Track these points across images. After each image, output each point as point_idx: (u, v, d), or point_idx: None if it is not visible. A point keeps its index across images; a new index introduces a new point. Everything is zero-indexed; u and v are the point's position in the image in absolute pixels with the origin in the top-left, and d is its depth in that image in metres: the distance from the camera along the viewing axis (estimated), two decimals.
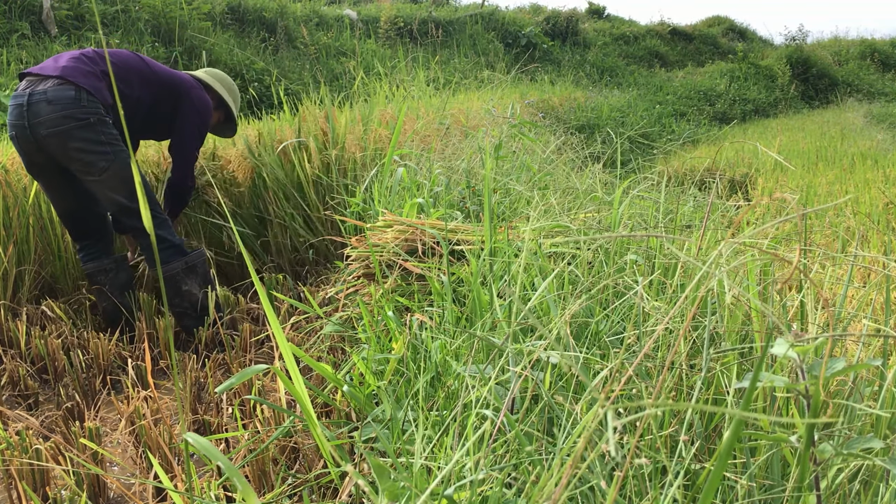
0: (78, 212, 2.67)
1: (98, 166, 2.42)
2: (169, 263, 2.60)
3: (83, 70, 2.47)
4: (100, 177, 2.44)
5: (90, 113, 2.40)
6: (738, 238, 1.01)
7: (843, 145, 6.93)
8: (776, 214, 3.19)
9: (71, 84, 2.40)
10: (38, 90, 2.39)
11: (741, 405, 0.63)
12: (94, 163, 2.42)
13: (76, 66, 2.47)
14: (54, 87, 2.39)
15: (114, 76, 2.56)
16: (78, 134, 2.38)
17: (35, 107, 2.37)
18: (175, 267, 2.60)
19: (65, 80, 2.40)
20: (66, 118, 2.37)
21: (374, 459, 0.87)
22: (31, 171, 2.55)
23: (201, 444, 0.75)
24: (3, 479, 1.64)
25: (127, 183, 2.49)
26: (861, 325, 1.53)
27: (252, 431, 1.75)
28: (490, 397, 1.17)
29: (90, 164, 2.42)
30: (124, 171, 2.48)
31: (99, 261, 2.74)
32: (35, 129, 2.38)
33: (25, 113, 2.38)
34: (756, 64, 15.01)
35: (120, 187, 2.49)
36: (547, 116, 8.04)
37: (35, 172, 2.56)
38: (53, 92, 2.37)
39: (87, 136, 2.40)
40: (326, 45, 10.11)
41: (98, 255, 2.75)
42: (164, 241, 2.61)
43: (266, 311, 1.22)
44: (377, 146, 3.43)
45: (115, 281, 2.77)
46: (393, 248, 2.12)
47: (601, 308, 1.44)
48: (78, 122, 2.38)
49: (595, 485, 0.96)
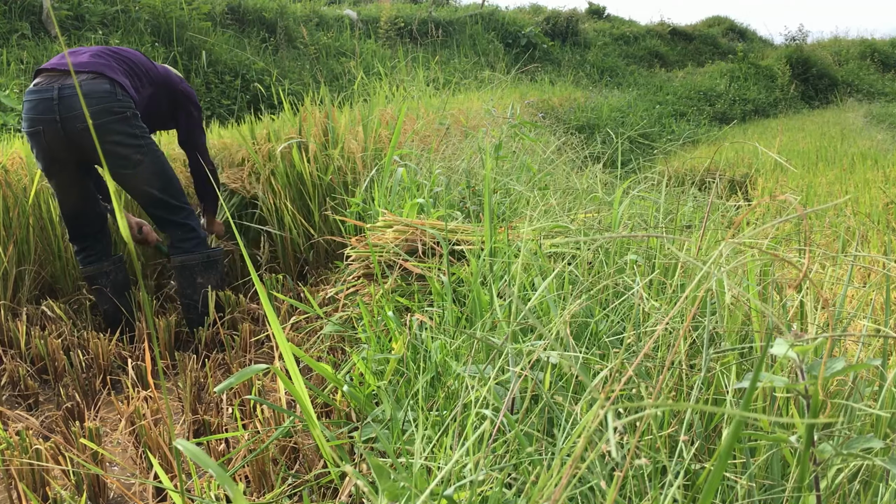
0: (83, 212, 2.67)
1: (133, 159, 2.44)
2: (191, 253, 2.62)
3: (111, 65, 2.47)
4: (134, 170, 2.45)
5: (126, 107, 2.41)
6: (739, 238, 1.01)
7: (843, 145, 6.93)
8: (776, 215, 3.19)
9: (106, 78, 2.39)
10: (69, 83, 2.35)
11: (741, 405, 0.63)
12: (129, 156, 2.43)
13: (103, 61, 2.46)
14: (88, 80, 2.37)
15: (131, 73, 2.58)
16: (115, 127, 2.38)
17: (68, 100, 2.34)
18: (195, 258, 2.62)
19: (98, 73, 2.39)
20: (102, 112, 2.35)
21: (373, 459, 0.87)
22: (50, 168, 2.50)
23: (193, 452, 0.75)
24: (3, 479, 1.64)
25: (159, 175, 2.51)
26: (861, 325, 1.53)
27: (252, 431, 1.75)
28: (490, 397, 1.17)
29: (125, 158, 2.42)
30: (157, 163, 2.50)
31: (98, 263, 2.73)
32: (68, 123, 2.35)
33: (56, 107, 2.34)
34: (756, 64, 15.01)
35: (153, 180, 2.51)
36: (547, 116, 8.04)
37: (54, 170, 2.51)
38: (88, 85, 2.35)
39: (123, 130, 2.40)
40: (326, 45, 10.12)
41: (98, 257, 2.75)
42: (192, 232, 2.64)
43: (266, 311, 1.22)
44: (377, 146, 3.43)
45: (114, 283, 2.76)
46: (393, 248, 2.12)
47: (601, 308, 1.44)
48: (114, 115, 2.37)
49: (595, 485, 0.96)
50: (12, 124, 4.90)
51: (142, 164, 2.45)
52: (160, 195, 2.54)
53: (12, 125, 4.88)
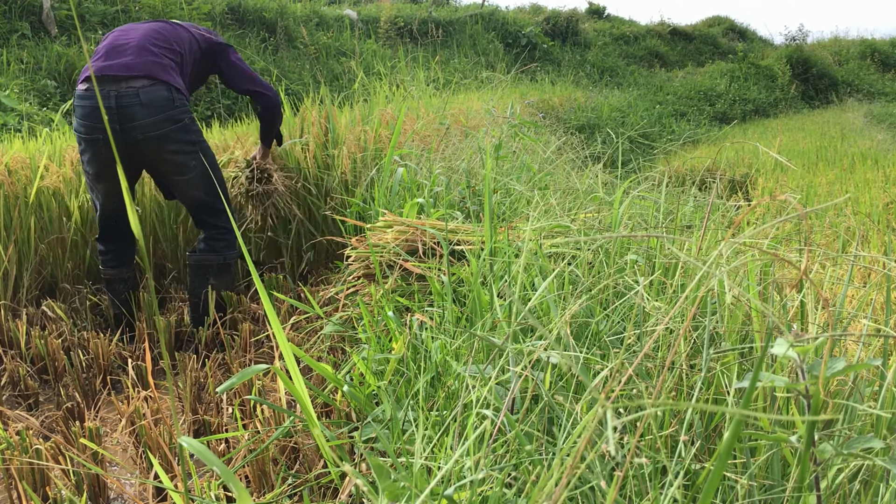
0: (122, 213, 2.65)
1: (189, 165, 2.45)
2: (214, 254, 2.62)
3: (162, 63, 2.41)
4: (188, 175, 2.46)
5: (184, 113, 2.40)
6: (739, 238, 1.01)
7: (844, 145, 6.93)
8: (776, 215, 3.19)
9: (162, 83, 2.35)
10: (127, 92, 2.30)
11: (741, 405, 0.63)
12: (185, 163, 2.44)
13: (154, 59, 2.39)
14: (146, 87, 2.32)
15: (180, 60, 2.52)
16: (175, 136, 2.38)
17: (128, 110, 2.30)
18: (213, 259, 2.62)
19: (156, 79, 2.34)
20: (164, 121, 2.33)
21: (373, 459, 0.87)
22: (102, 173, 2.46)
23: (197, 449, 0.75)
24: (3, 479, 1.64)
25: (208, 179, 2.50)
26: (861, 325, 1.53)
27: (252, 431, 1.75)
28: (490, 397, 1.17)
29: (182, 164, 2.43)
30: (208, 166, 2.49)
31: (120, 269, 2.74)
32: (128, 134, 2.32)
33: (116, 116, 2.30)
34: (756, 64, 15.00)
35: (202, 183, 2.51)
36: (547, 116, 8.04)
37: (106, 175, 2.47)
38: (147, 94, 2.31)
39: (182, 138, 2.40)
40: (326, 45, 10.12)
41: (121, 262, 2.75)
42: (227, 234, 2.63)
43: (267, 311, 1.22)
44: (377, 146, 3.43)
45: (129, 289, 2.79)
46: (393, 248, 2.12)
47: (601, 308, 1.44)
48: (175, 123, 2.37)
49: (595, 485, 0.96)
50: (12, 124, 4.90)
51: (196, 170, 2.46)
52: (206, 197, 2.55)
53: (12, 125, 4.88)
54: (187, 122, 2.41)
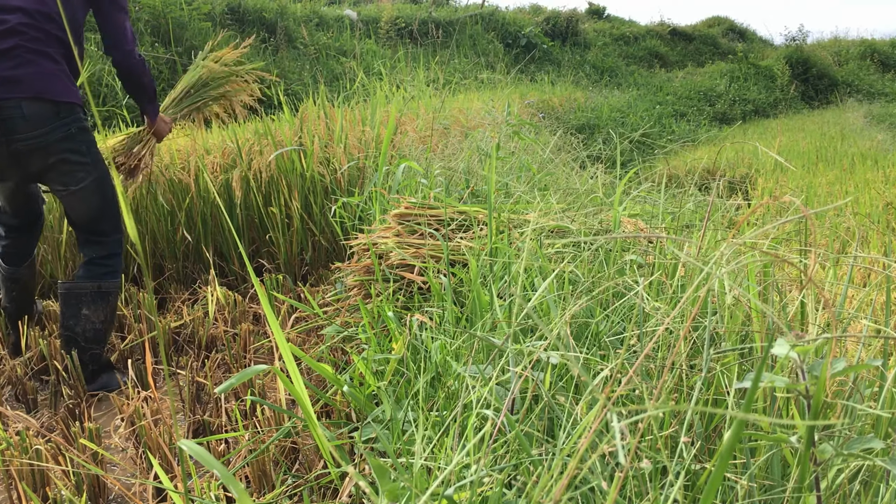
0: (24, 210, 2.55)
1: (77, 177, 2.30)
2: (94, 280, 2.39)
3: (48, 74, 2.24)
4: (74, 188, 2.31)
5: (71, 123, 2.26)
6: (740, 239, 1.01)
7: (843, 146, 6.93)
8: (776, 215, 3.19)
9: (46, 101, 2.20)
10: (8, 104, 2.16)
11: (743, 406, 0.63)
12: (73, 173, 2.29)
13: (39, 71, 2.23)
14: (29, 103, 2.17)
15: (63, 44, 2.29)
16: (60, 146, 2.24)
17: (9, 123, 2.16)
18: (86, 287, 2.37)
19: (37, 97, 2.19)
20: (48, 132, 2.21)
21: (374, 460, 0.87)
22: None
23: (197, 452, 0.75)
24: (3, 480, 1.64)
25: (97, 196, 2.35)
26: (861, 326, 1.53)
27: (252, 432, 1.75)
28: (490, 398, 1.17)
29: (69, 175, 2.29)
30: (101, 186, 2.35)
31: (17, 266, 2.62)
32: (12, 144, 2.20)
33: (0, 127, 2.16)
34: (756, 64, 15.01)
35: (93, 199, 2.35)
36: (547, 117, 8.04)
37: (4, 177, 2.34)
38: (30, 108, 2.17)
39: (69, 147, 2.26)
40: (326, 45, 10.12)
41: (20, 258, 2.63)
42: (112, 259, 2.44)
43: (266, 311, 1.22)
44: (378, 146, 3.43)
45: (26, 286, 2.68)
46: (393, 246, 2.12)
47: (601, 308, 1.44)
48: (59, 134, 2.23)
49: (595, 485, 0.96)
50: None
51: (84, 182, 2.31)
52: (92, 216, 2.37)
53: None
54: (74, 133, 2.26)
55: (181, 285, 3.34)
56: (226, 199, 3.44)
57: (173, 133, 3.64)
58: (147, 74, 2.58)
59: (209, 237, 3.47)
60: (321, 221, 3.39)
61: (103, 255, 2.41)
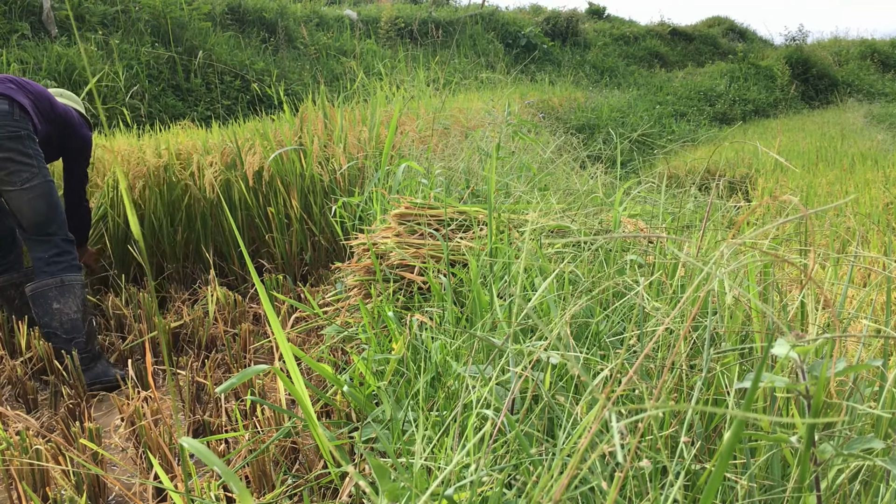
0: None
1: (22, 177, 2.43)
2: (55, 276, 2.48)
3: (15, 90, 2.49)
4: (21, 187, 2.43)
5: (21, 127, 2.43)
6: (739, 239, 1.01)
7: (844, 145, 6.93)
8: (776, 215, 3.19)
9: (5, 98, 2.42)
10: None
11: (743, 406, 0.63)
12: (18, 172, 2.43)
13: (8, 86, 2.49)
14: None
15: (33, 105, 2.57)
16: (6, 144, 2.39)
17: None
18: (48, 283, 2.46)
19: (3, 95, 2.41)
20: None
21: (374, 460, 0.87)
22: None
23: (198, 449, 0.75)
24: (3, 479, 1.64)
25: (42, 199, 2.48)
26: (861, 326, 1.53)
27: (252, 432, 1.75)
28: (490, 398, 1.17)
29: (14, 174, 2.42)
30: (46, 191, 2.48)
31: (9, 274, 2.75)
32: None
33: None
34: (756, 64, 15.01)
35: (39, 203, 2.48)
36: (547, 117, 8.04)
37: None
38: None
39: (15, 147, 2.41)
40: (326, 45, 10.12)
41: (8, 267, 2.76)
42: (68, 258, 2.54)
43: (266, 311, 1.22)
44: (377, 147, 3.43)
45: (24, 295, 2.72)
46: (395, 252, 2.12)
47: (601, 308, 1.44)
48: (8, 132, 2.39)
49: (595, 485, 0.96)
50: None
51: (28, 183, 2.44)
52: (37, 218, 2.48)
53: None
54: (22, 136, 2.43)
55: (181, 285, 3.34)
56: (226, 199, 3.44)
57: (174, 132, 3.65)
58: (90, 219, 3.02)
59: (209, 237, 3.47)
60: (321, 221, 3.39)
61: (55, 254, 2.52)
